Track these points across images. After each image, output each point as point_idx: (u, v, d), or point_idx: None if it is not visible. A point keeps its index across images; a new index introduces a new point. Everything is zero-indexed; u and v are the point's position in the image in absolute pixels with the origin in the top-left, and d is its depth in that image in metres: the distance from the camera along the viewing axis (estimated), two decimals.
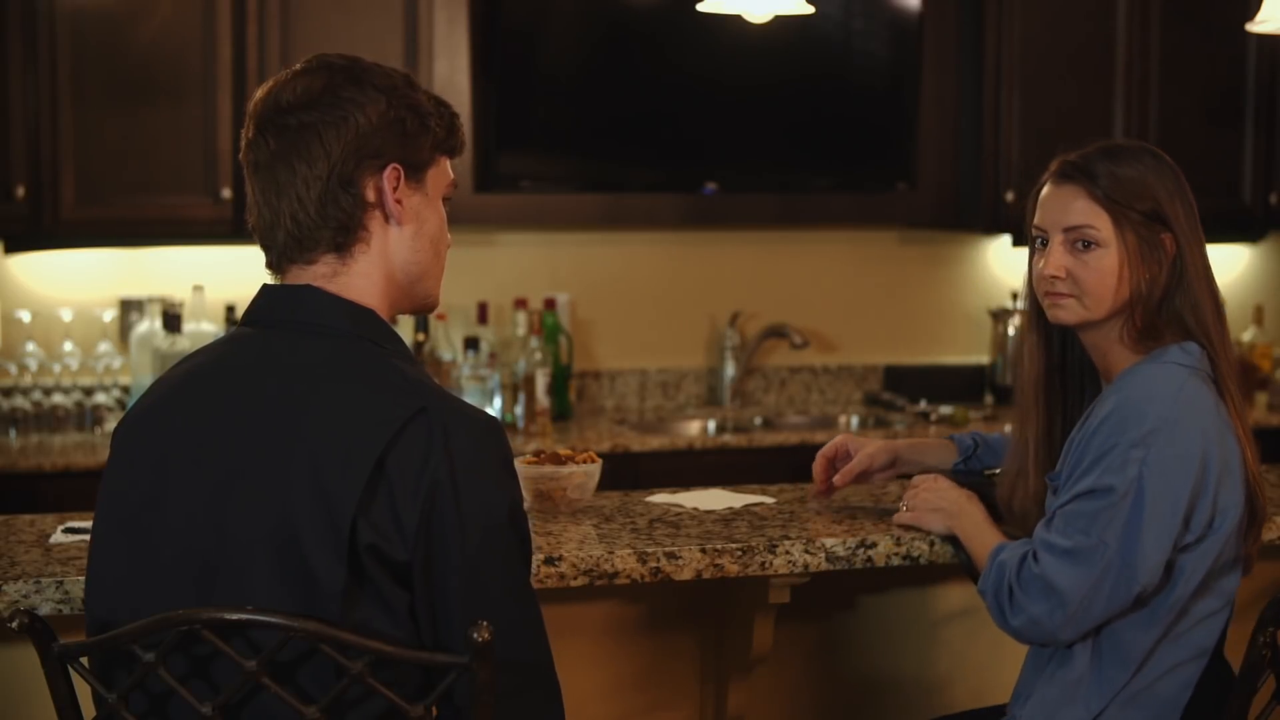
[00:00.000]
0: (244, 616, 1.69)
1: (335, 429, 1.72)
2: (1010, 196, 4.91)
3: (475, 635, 1.67)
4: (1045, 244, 2.33)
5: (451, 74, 4.66)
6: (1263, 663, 2.18)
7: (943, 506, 2.44)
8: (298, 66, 1.85)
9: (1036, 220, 2.35)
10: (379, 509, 1.70)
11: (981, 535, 2.37)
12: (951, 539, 2.44)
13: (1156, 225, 2.28)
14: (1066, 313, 2.32)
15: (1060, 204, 2.31)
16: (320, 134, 1.79)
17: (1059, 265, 2.30)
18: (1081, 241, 2.28)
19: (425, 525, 1.71)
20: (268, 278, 1.89)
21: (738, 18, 3.68)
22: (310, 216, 1.80)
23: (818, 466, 2.70)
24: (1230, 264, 5.52)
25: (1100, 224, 2.28)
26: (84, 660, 1.80)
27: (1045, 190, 2.35)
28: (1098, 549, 2.17)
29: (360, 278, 1.84)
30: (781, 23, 3.92)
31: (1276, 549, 2.71)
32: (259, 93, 1.84)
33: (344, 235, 1.81)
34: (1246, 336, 5.26)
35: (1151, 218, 2.28)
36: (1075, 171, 2.31)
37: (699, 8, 3.39)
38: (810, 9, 3.42)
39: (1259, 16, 3.28)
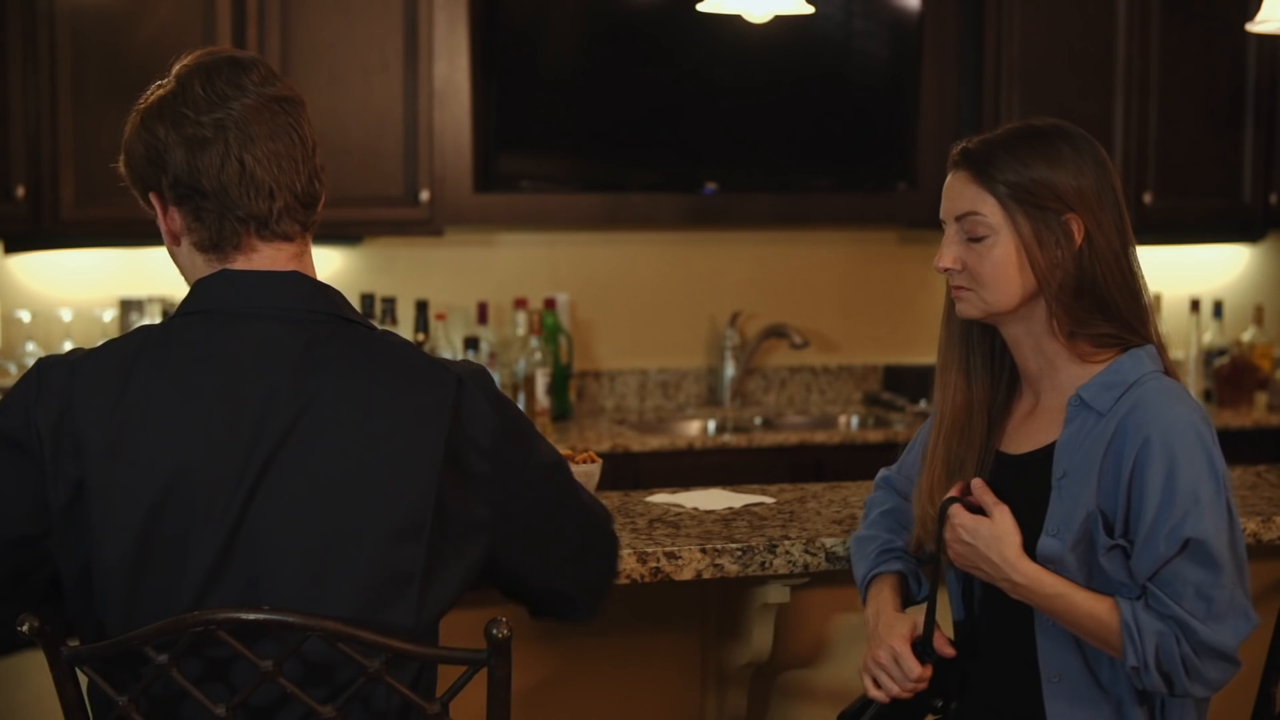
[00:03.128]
0: (261, 616, 1.69)
1: (392, 422, 1.78)
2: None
3: (495, 631, 1.70)
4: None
5: (451, 74, 4.66)
6: None
7: (983, 569, 2.14)
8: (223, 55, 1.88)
9: (940, 212, 2.22)
10: (451, 483, 1.79)
11: (1066, 596, 2.08)
12: None
13: (1058, 207, 2.12)
14: (969, 307, 2.18)
15: (953, 192, 2.18)
16: (301, 117, 1.87)
17: (952, 257, 2.17)
18: (974, 230, 2.15)
19: (496, 478, 1.84)
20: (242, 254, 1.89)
21: (738, 18, 3.69)
22: (303, 191, 1.87)
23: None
24: (1230, 264, 5.52)
25: (987, 210, 2.13)
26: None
27: (948, 178, 2.22)
28: (1230, 591, 2.03)
29: (309, 257, 1.91)
30: (782, 23, 3.93)
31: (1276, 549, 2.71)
32: (232, 62, 1.85)
33: (310, 214, 1.90)
34: (1246, 336, 5.26)
35: (1045, 197, 2.11)
36: (964, 158, 2.17)
37: (699, 8, 3.39)
38: (810, 9, 3.42)
39: (1259, 16, 3.28)
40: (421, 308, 4.60)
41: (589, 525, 1.98)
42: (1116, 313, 2.13)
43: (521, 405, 4.55)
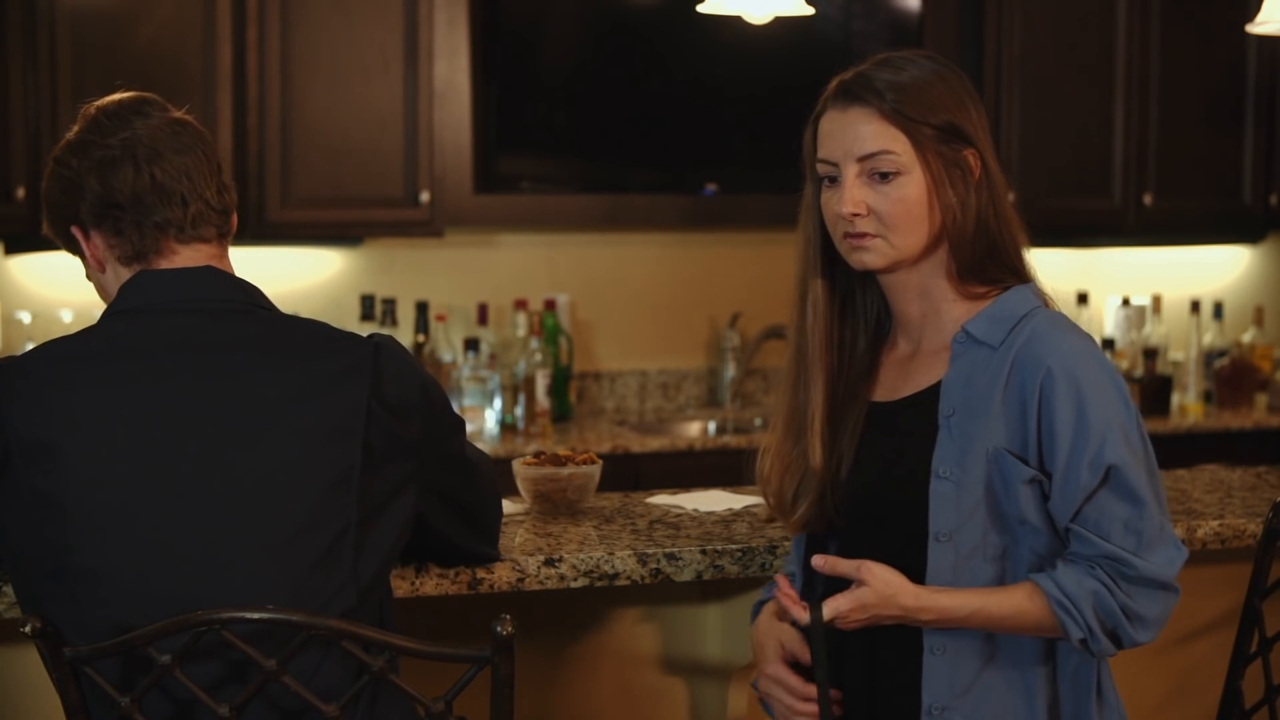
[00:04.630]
0: (265, 615, 1.71)
1: (314, 385, 1.87)
2: (1010, 197, 4.90)
3: (500, 629, 1.72)
4: (836, 180, 2.04)
5: (451, 74, 4.66)
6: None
7: (882, 613, 1.98)
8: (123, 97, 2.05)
9: (822, 153, 2.05)
10: (378, 437, 1.87)
11: (983, 609, 1.96)
12: None
13: (957, 142, 2.02)
14: (874, 256, 2.02)
15: (849, 130, 2.02)
16: (205, 140, 2.02)
17: (857, 200, 2.00)
18: (879, 171, 2.00)
19: (421, 434, 1.94)
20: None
21: (738, 19, 3.68)
22: (214, 200, 1.98)
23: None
24: (1230, 265, 5.52)
25: (898, 147, 2.00)
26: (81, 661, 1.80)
27: (827, 116, 2.06)
28: (1158, 521, 1.96)
29: (228, 261, 2.01)
30: (782, 24, 3.92)
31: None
32: (131, 96, 2.04)
33: (225, 221, 2.01)
34: (1247, 338, 5.26)
35: (949, 132, 2.01)
36: (860, 90, 2.02)
37: (699, 9, 3.39)
38: (811, 10, 3.42)
39: (1259, 17, 3.28)
40: (422, 309, 4.60)
41: (484, 478, 2.11)
42: (1004, 252, 2.05)
43: (521, 406, 4.55)
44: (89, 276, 2.03)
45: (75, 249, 2.00)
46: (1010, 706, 2.01)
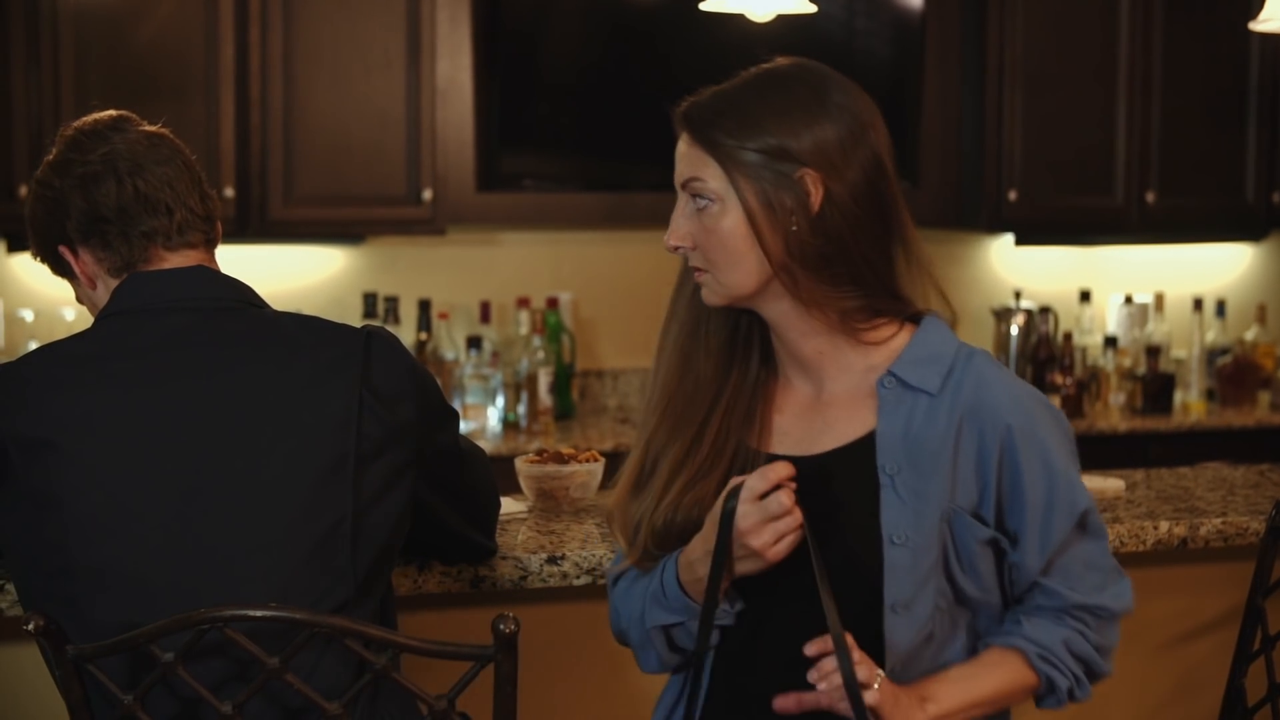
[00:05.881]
0: (268, 614, 1.71)
1: (306, 374, 1.88)
2: (1013, 195, 4.91)
3: (502, 627, 1.71)
4: None
5: (454, 73, 4.66)
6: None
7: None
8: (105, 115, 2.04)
9: None
10: (372, 424, 1.89)
11: (979, 688, 1.83)
12: None
13: (786, 162, 1.79)
14: (709, 293, 1.84)
15: (677, 157, 1.88)
16: (183, 151, 2.02)
17: (681, 232, 1.84)
18: (697, 200, 1.84)
19: (416, 420, 1.95)
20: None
21: (740, 17, 3.68)
22: (198, 208, 2.00)
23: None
24: (1233, 263, 5.51)
25: (707, 174, 1.82)
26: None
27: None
28: (1110, 557, 1.90)
29: (215, 265, 2.04)
30: (784, 22, 3.92)
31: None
32: (107, 115, 2.01)
33: (211, 228, 2.03)
34: (1249, 336, 5.25)
35: (772, 155, 1.80)
36: (683, 114, 1.89)
37: (701, 7, 3.39)
38: (813, 8, 3.42)
39: (1262, 15, 3.28)
40: (424, 307, 4.60)
41: (480, 469, 2.13)
42: (875, 280, 1.82)
43: (524, 405, 4.55)
44: (79, 298, 2.04)
45: (64, 270, 2.02)
46: None
